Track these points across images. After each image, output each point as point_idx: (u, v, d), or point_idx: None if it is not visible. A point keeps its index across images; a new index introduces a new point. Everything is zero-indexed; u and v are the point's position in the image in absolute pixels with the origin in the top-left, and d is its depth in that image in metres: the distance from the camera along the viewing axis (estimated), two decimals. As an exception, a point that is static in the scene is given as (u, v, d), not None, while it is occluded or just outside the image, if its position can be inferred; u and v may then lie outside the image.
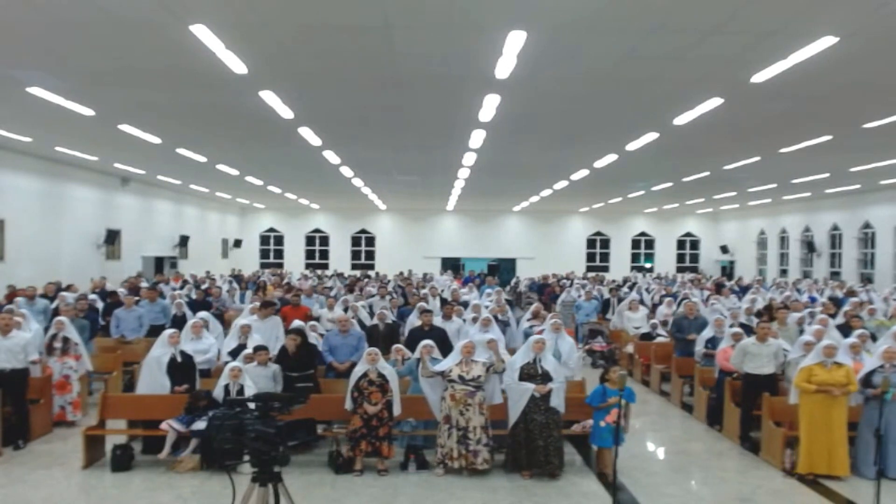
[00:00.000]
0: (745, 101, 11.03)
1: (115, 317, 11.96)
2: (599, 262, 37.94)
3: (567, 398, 7.63)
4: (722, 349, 9.53)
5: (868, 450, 7.31)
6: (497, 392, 7.62)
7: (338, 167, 19.75)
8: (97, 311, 12.84)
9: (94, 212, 21.94)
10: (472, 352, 7.51)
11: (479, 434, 7.30)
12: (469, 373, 7.36)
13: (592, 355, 14.06)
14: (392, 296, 15.03)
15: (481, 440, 7.30)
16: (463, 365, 7.42)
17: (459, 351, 7.52)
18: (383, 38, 8.24)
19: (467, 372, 7.36)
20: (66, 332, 9.48)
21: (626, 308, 14.84)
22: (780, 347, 8.67)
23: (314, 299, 14.77)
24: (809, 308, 12.95)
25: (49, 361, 9.25)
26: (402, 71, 9.70)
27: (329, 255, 37.86)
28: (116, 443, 7.69)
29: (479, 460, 7.28)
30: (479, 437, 7.29)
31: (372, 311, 12.42)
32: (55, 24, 7.88)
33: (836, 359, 7.56)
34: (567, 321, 15.08)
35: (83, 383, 9.67)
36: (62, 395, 9.24)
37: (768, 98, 10.68)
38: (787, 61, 8.70)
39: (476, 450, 7.28)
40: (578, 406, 7.76)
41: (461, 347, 7.53)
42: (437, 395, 7.54)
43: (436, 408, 7.57)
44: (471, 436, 7.28)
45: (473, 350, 7.57)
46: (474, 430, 7.28)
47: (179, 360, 8.26)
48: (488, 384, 7.50)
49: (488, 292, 15.54)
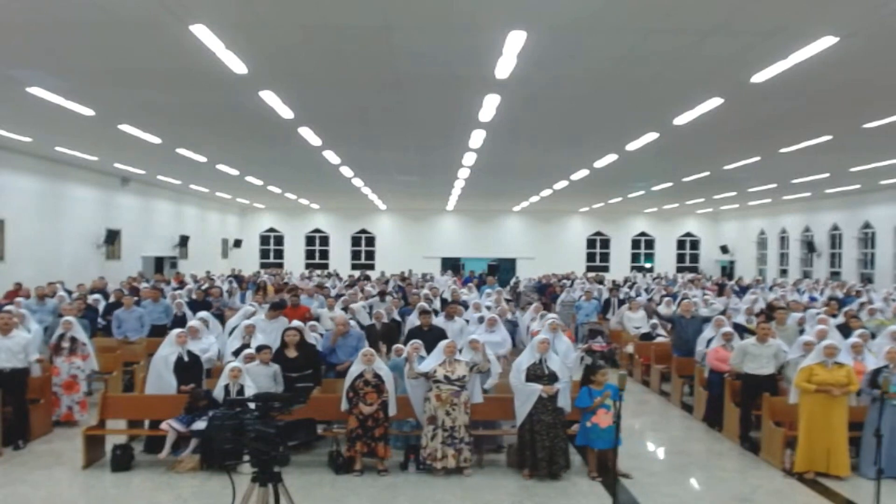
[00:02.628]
0: (745, 101, 11.03)
1: (116, 317, 11.96)
2: (599, 262, 37.94)
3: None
4: (713, 349, 9.54)
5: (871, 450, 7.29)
6: (478, 391, 7.71)
7: (338, 167, 19.76)
8: (96, 310, 12.84)
9: (93, 212, 21.94)
10: (454, 352, 7.54)
11: (463, 433, 7.35)
12: (454, 373, 7.38)
13: (592, 355, 14.03)
14: (392, 296, 15.02)
15: (465, 439, 7.36)
16: (447, 365, 7.43)
17: (442, 351, 7.53)
18: (383, 38, 8.25)
19: (452, 372, 7.39)
20: (74, 332, 9.49)
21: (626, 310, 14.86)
22: (779, 348, 8.66)
23: (314, 299, 14.76)
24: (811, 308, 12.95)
25: (56, 361, 9.27)
26: (401, 71, 9.70)
27: (329, 255, 37.86)
28: (116, 443, 7.69)
29: (462, 458, 7.33)
30: (463, 436, 7.35)
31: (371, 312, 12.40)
32: (55, 25, 7.88)
33: (837, 359, 7.56)
34: (567, 321, 15.10)
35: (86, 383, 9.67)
36: (69, 394, 9.25)
37: (768, 98, 10.68)
38: (787, 61, 8.70)
39: (461, 448, 7.33)
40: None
41: (444, 347, 7.55)
42: (421, 397, 7.55)
43: (419, 409, 7.59)
44: (457, 435, 7.32)
45: (456, 350, 7.60)
46: (459, 430, 7.33)
47: (186, 359, 8.26)
48: (470, 384, 7.54)
49: (488, 292, 15.54)
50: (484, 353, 7.81)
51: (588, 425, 7.30)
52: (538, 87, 10.45)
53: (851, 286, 20.47)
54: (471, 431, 7.45)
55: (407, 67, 9.51)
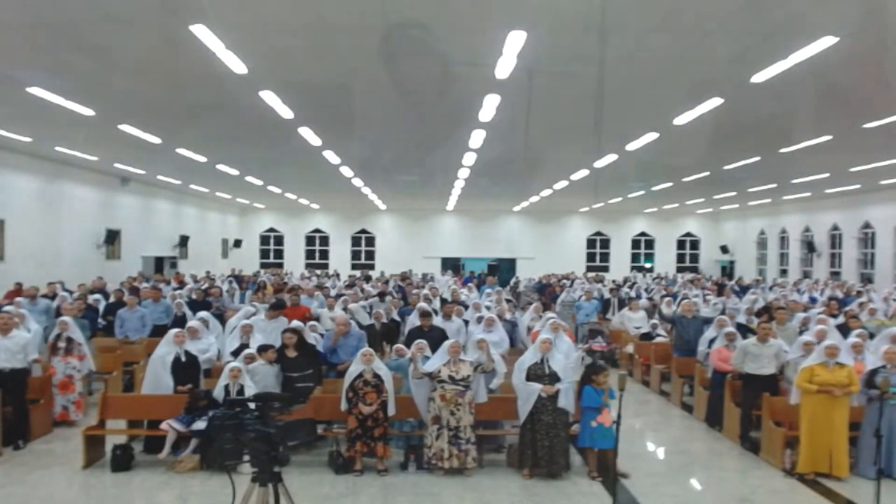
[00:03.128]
0: (745, 101, 11.03)
1: (119, 317, 11.95)
2: (599, 262, 37.92)
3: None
4: (716, 349, 9.54)
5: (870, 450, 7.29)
6: (482, 391, 7.69)
7: (338, 167, 19.74)
8: (96, 310, 12.83)
9: (94, 212, 21.94)
10: (459, 351, 7.54)
11: (468, 433, 7.34)
12: (458, 373, 7.38)
13: (592, 355, 14.04)
14: (392, 296, 15.01)
15: (470, 439, 7.35)
16: (451, 365, 7.43)
17: (446, 351, 7.52)
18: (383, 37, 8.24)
19: (457, 372, 7.38)
20: (70, 332, 9.49)
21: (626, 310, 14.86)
22: (780, 348, 8.66)
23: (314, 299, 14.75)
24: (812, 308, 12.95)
25: (53, 361, 9.26)
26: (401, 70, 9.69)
27: (329, 255, 37.85)
28: (116, 443, 7.69)
29: (468, 459, 7.32)
30: (468, 436, 7.34)
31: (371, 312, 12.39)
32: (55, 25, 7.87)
33: (838, 359, 7.56)
34: (567, 321, 15.09)
35: (84, 383, 9.67)
36: (65, 394, 9.25)
37: (768, 98, 10.68)
38: (787, 61, 8.69)
39: (466, 449, 7.32)
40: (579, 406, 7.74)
41: (448, 347, 7.54)
42: (425, 396, 7.54)
43: (423, 409, 7.58)
44: (462, 435, 7.31)
45: (460, 350, 7.59)
46: (465, 430, 7.32)
47: (184, 359, 8.25)
48: (474, 383, 7.53)
49: (488, 292, 15.53)
50: (489, 353, 7.79)
51: (594, 425, 7.25)
52: (538, 87, 10.45)
53: (851, 286, 20.47)
54: (476, 431, 7.44)
55: (407, 67, 9.50)
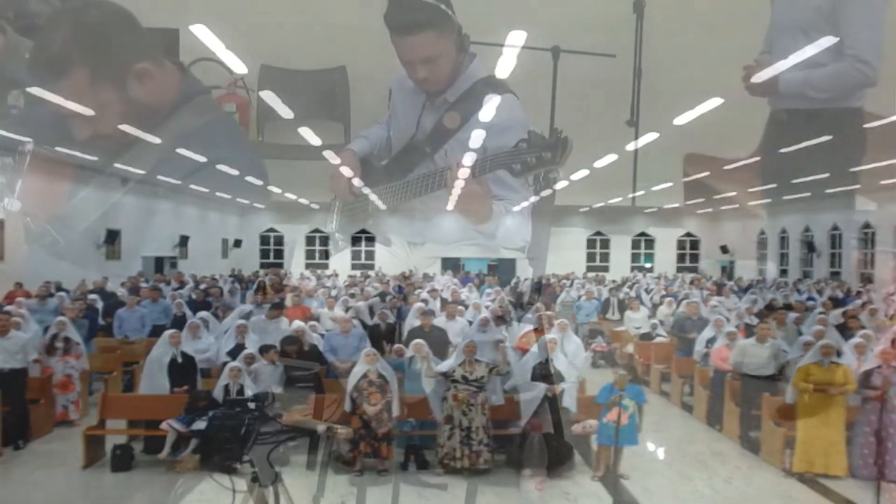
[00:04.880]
0: (746, 101, 11.02)
1: (118, 317, 11.94)
2: (599, 262, 37.88)
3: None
4: (718, 348, 9.53)
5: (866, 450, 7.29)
6: (498, 392, 7.64)
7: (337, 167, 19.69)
8: (97, 311, 12.82)
9: (93, 212, 21.88)
10: (474, 351, 7.50)
11: (481, 434, 7.31)
12: (473, 373, 7.36)
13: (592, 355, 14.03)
14: (392, 295, 15.00)
15: (483, 440, 7.31)
16: (466, 365, 7.41)
17: (462, 351, 7.50)
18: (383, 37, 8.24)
19: (471, 372, 7.36)
20: (68, 332, 9.47)
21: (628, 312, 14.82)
22: (779, 348, 8.66)
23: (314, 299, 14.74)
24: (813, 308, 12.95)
25: (51, 361, 9.26)
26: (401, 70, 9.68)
27: (329, 256, 37.78)
28: (116, 443, 7.68)
29: (480, 460, 7.29)
30: (481, 437, 7.30)
31: (373, 312, 12.38)
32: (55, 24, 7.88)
33: (834, 358, 7.56)
34: (567, 321, 15.06)
35: (83, 383, 9.67)
36: (64, 394, 9.24)
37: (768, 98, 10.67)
38: (787, 61, 8.70)
39: (478, 450, 7.29)
40: (585, 406, 7.76)
41: (463, 347, 7.52)
42: (439, 396, 7.52)
43: (437, 408, 7.57)
44: (474, 436, 7.28)
45: (476, 350, 7.56)
46: (477, 431, 7.29)
47: (180, 360, 8.24)
48: (489, 385, 7.50)
49: (488, 292, 15.52)
50: (504, 355, 7.79)
51: (604, 421, 7.19)
52: (538, 87, 10.44)
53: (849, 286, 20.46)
54: (490, 432, 7.38)
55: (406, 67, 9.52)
